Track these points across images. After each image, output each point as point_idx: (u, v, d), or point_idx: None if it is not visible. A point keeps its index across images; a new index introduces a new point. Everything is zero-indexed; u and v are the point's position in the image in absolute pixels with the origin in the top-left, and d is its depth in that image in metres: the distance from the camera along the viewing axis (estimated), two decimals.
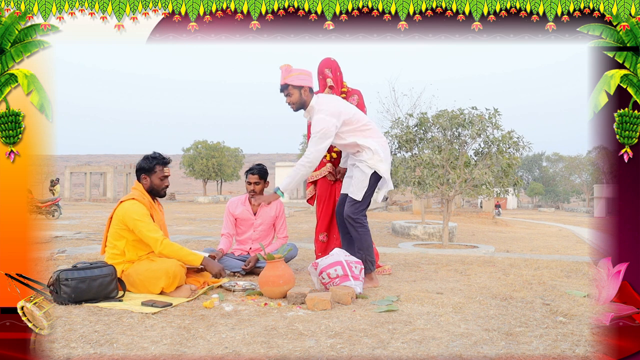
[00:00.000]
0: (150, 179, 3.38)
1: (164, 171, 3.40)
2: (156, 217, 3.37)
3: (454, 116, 8.10)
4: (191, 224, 13.44)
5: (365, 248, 3.61)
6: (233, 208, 4.27)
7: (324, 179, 4.21)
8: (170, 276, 3.10)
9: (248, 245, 4.24)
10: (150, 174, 3.37)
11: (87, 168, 40.66)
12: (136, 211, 3.23)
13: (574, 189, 60.18)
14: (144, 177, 3.38)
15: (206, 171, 40.19)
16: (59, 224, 12.42)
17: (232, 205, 4.28)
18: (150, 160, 3.38)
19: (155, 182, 3.38)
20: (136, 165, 3.42)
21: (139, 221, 3.20)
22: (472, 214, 24.19)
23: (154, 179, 3.38)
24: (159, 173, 3.38)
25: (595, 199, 27.11)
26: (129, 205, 3.26)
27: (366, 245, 3.62)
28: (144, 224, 3.20)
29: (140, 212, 3.23)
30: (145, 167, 3.37)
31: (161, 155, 3.44)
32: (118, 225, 3.26)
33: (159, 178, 3.38)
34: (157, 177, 3.38)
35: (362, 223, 3.62)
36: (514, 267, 4.37)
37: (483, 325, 2.52)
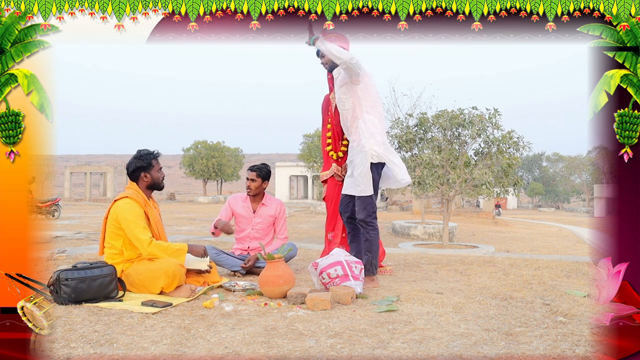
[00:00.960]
0: (150, 174, 3.41)
1: (159, 163, 3.47)
2: (151, 214, 3.38)
3: (454, 116, 8.10)
4: (191, 224, 13.44)
5: (374, 251, 3.59)
6: (234, 203, 4.33)
7: (332, 179, 4.21)
8: (169, 276, 3.10)
9: (247, 244, 4.25)
10: (149, 170, 3.41)
11: (87, 168, 40.67)
12: (129, 211, 3.24)
13: (574, 189, 60.17)
14: (144, 175, 3.40)
15: (206, 171, 40.20)
16: (59, 224, 12.42)
17: (234, 201, 4.34)
18: (145, 157, 3.42)
19: (154, 176, 3.43)
20: (128, 166, 3.43)
21: (131, 222, 3.21)
22: (472, 214, 24.19)
23: (154, 174, 3.43)
24: (156, 166, 3.44)
25: (595, 199, 27.12)
26: (122, 205, 3.27)
27: (375, 248, 3.60)
28: (134, 224, 3.21)
29: (133, 212, 3.24)
30: (143, 164, 3.40)
31: (149, 150, 3.48)
32: (113, 224, 3.27)
33: (157, 171, 3.44)
34: (155, 170, 3.44)
35: (375, 225, 3.60)
36: (514, 267, 4.37)
37: (483, 325, 2.52)
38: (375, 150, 3.51)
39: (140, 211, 3.28)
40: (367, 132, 3.54)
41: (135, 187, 3.41)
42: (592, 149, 3.75)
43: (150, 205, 3.44)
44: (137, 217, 3.23)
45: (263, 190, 4.31)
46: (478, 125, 7.92)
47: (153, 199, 3.54)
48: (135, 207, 3.27)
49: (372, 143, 3.52)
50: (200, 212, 20.85)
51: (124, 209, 3.25)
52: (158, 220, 3.48)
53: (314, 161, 27.83)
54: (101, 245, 3.37)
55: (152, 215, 3.39)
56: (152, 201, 3.50)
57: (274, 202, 4.34)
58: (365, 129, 3.54)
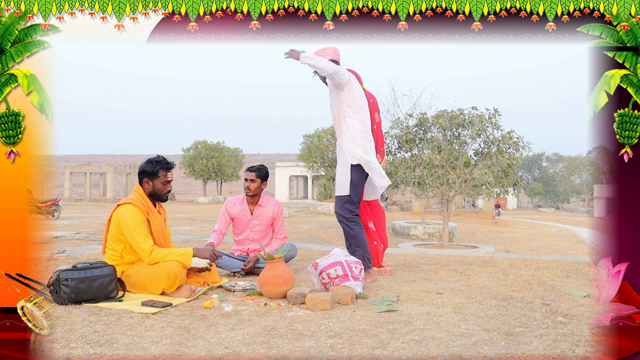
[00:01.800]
0: (152, 183, 3.33)
1: (167, 176, 3.35)
2: (153, 221, 3.32)
3: (453, 116, 8.10)
4: (191, 224, 13.44)
5: (362, 245, 3.72)
6: (230, 207, 4.28)
7: None
8: (171, 277, 3.10)
9: (246, 246, 4.24)
10: (153, 179, 3.33)
11: (87, 168, 40.67)
12: (130, 218, 3.19)
13: (574, 189, 60.18)
14: (146, 181, 3.34)
15: (206, 171, 40.18)
16: (59, 224, 12.42)
17: (230, 204, 4.29)
18: (154, 164, 3.33)
19: (157, 186, 3.34)
20: (139, 167, 3.37)
21: (132, 229, 3.17)
22: (472, 214, 24.20)
23: (157, 184, 3.34)
24: (162, 178, 3.34)
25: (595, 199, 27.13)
26: (124, 211, 3.23)
27: (363, 242, 3.72)
28: (136, 233, 3.17)
29: (134, 220, 3.19)
30: (149, 170, 3.32)
31: (165, 159, 3.39)
32: (115, 228, 3.25)
33: (161, 183, 3.34)
34: (160, 181, 3.34)
35: (356, 220, 3.73)
36: (514, 267, 4.37)
37: (483, 325, 2.52)
38: (355, 152, 3.71)
39: (141, 218, 3.23)
40: (348, 135, 3.73)
41: (140, 192, 3.35)
42: (592, 149, 3.75)
43: (154, 211, 3.38)
44: (137, 225, 3.19)
45: (261, 191, 4.30)
46: (478, 126, 7.92)
47: (160, 204, 3.48)
48: (136, 214, 3.22)
49: (353, 146, 3.71)
50: (200, 212, 20.85)
51: (125, 215, 3.21)
52: (162, 227, 3.42)
53: (314, 161, 27.81)
54: (104, 245, 3.36)
55: (154, 223, 3.33)
56: (158, 206, 3.44)
57: (271, 203, 4.31)
58: (347, 132, 3.73)
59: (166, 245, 3.43)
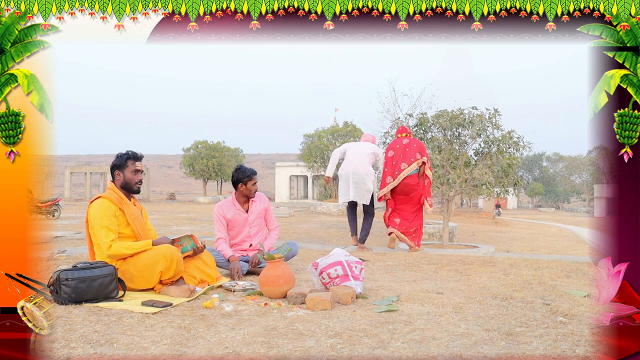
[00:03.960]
0: (123, 174, 3.42)
1: (135, 165, 3.44)
2: (127, 210, 3.36)
3: (454, 116, 8.09)
4: (191, 224, 13.43)
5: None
6: (224, 212, 4.24)
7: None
8: (167, 259, 3.12)
9: (248, 243, 4.25)
10: (122, 170, 3.42)
11: (87, 168, 40.68)
12: (96, 213, 3.25)
13: (574, 189, 60.17)
14: (117, 174, 3.43)
15: (206, 171, 40.19)
16: (59, 223, 12.42)
17: (222, 210, 4.25)
18: (122, 156, 3.44)
19: (127, 176, 3.42)
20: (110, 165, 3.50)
21: (96, 225, 3.23)
22: (472, 214, 24.19)
23: (127, 173, 3.42)
24: (131, 167, 3.42)
25: (595, 199, 27.11)
26: (93, 207, 3.30)
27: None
28: (98, 228, 3.22)
29: (101, 214, 3.24)
30: (117, 163, 3.43)
31: (133, 151, 3.49)
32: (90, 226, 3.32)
33: (131, 172, 3.42)
34: (129, 171, 3.42)
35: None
36: (514, 267, 4.37)
37: (483, 325, 2.52)
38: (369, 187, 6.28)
39: (110, 210, 3.27)
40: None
41: (112, 186, 3.43)
42: (592, 149, 3.75)
43: (129, 203, 3.42)
44: (102, 219, 3.23)
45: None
46: (478, 125, 7.91)
47: (135, 197, 3.54)
48: (105, 208, 3.27)
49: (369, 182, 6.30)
50: (201, 212, 20.83)
51: (93, 210, 3.28)
52: (138, 216, 3.44)
53: (314, 161, 27.80)
54: (90, 250, 3.38)
55: (128, 212, 3.37)
56: (133, 200, 3.50)
57: (259, 196, 4.39)
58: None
59: (145, 236, 3.44)
